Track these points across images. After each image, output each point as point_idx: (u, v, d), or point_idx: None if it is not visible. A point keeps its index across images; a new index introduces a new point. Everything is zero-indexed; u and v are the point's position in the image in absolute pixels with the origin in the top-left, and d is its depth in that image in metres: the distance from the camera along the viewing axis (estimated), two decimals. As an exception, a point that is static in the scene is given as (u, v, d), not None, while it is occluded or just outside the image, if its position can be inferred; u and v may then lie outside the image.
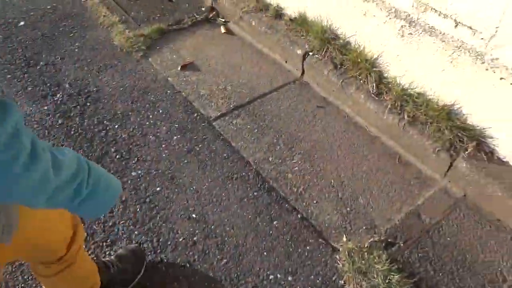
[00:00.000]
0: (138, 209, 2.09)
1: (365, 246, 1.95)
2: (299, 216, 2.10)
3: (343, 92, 2.61)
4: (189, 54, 3.12)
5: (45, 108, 2.63)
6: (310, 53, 2.78)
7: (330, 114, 2.66)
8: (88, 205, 0.92)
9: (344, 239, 2.00)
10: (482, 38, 1.98)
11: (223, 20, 3.45)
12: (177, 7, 3.65)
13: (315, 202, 2.17)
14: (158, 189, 2.19)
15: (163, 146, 2.41)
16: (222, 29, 3.36)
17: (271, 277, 1.88)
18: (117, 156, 2.34)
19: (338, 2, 2.55)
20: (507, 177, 2.06)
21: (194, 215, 2.08)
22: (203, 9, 3.55)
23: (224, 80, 2.88)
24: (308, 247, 1.99)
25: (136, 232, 1.99)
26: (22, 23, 3.40)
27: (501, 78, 1.93)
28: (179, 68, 2.96)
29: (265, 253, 1.95)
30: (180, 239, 1.98)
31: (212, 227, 2.04)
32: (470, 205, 2.17)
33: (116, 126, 2.53)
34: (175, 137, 2.46)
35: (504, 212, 2.05)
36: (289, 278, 1.88)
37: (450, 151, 2.19)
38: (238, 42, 3.27)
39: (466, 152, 2.14)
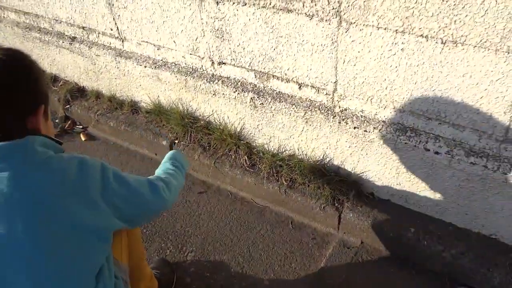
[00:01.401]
0: None
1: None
2: (207, 325, 1.94)
3: (219, 172, 2.54)
4: (51, 175, 2.87)
5: None
6: (176, 141, 2.69)
7: (214, 197, 2.57)
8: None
9: (260, 334, 1.88)
10: (327, 94, 2.03)
11: (81, 127, 3.26)
12: (29, 125, 3.40)
13: (220, 302, 2.03)
14: None
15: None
16: (82, 137, 3.16)
17: None
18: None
19: (186, 89, 2.51)
20: (392, 214, 2.09)
21: None
22: (57, 121, 3.33)
23: (95, 194, 2.68)
24: None
25: None
26: None
27: (355, 128, 1.97)
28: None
29: None
30: None
31: None
32: (370, 250, 2.16)
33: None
34: None
35: (402, 248, 2.06)
36: None
37: (335, 204, 2.18)
38: (102, 146, 3.09)
39: (349, 202, 2.15)
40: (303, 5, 1.80)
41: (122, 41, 2.74)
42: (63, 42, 3.05)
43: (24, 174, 1.03)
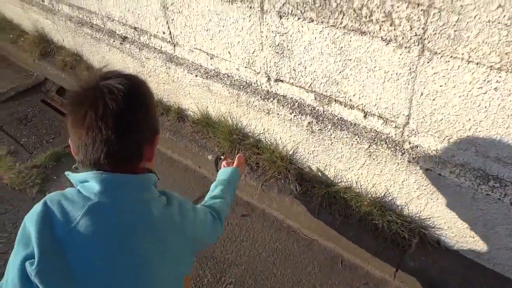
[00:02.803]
0: None
1: None
2: None
3: (266, 195, 2.34)
4: (91, 180, 2.77)
5: None
6: (222, 157, 2.51)
7: (257, 222, 2.37)
8: None
9: None
10: (396, 127, 1.79)
11: (125, 129, 3.14)
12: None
13: None
14: None
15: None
16: (126, 141, 3.04)
17: None
18: None
19: (238, 103, 2.32)
20: (459, 267, 1.83)
21: None
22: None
23: (134, 206, 2.54)
24: None
25: None
26: None
27: (427, 169, 1.72)
28: (81, 201, 2.60)
29: None
30: None
31: None
32: (430, 304, 1.92)
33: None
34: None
35: (467, 308, 1.81)
36: None
37: (394, 248, 1.95)
38: (145, 152, 2.95)
39: (411, 248, 1.91)
40: (380, 28, 1.57)
41: (174, 46, 2.58)
42: (113, 41, 2.93)
43: (140, 210, 1.04)
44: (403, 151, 1.79)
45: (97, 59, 3.31)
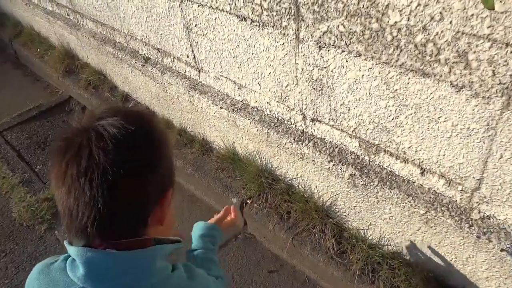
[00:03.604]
0: None
1: None
2: None
3: (297, 251, 2.00)
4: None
5: None
6: (248, 201, 2.19)
7: (287, 282, 2.03)
8: None
9: None
10: (462, 191, 1.42)
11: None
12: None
13: None
14: None
15: None
16: (145, 171, 2.77)
17: None
18: None
19: (267, 143, 2.00)
20: None
21: None
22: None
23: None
24: None
25: None
26: None
27: (502, 250, 1.34)
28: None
29: None
30: None
31: None
32: None
33: None
34: None
35: None
36: None
37: (453, 337, 1.56)
38: (166, 185, 2.67)
39: None
40: (450, 71, 1.21)
41: (199, 72, 2.28)
42: (135, 62, 2.67)
43: None
44: (470, 222, 1.41)
45: (120, 79, 3.07)
